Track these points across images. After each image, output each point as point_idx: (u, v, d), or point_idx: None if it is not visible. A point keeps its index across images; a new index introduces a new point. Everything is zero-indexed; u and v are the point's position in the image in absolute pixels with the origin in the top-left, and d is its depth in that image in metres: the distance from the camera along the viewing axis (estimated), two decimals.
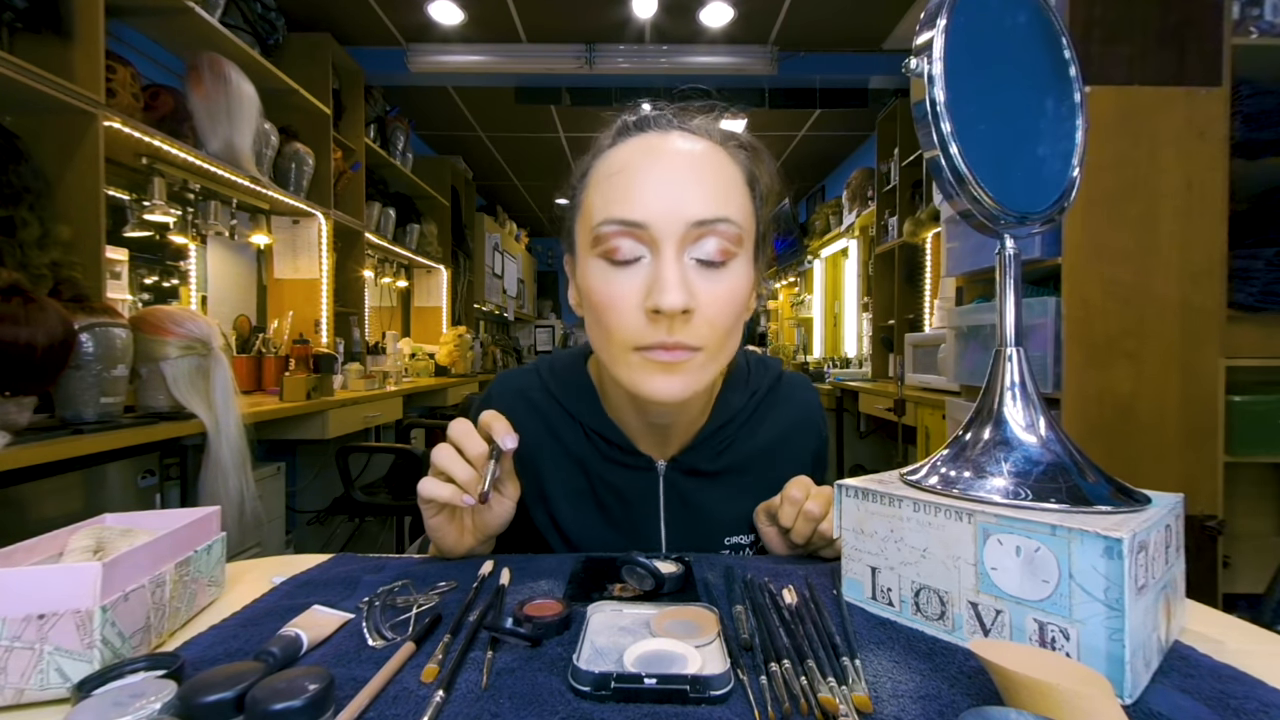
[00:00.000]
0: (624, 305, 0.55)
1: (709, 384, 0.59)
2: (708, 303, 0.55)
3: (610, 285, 0.56)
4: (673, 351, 0.55)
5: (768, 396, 0.74)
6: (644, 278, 0.55)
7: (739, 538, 0.70)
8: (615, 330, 0.57)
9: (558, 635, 0.46)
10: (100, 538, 0.50)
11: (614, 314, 0.56)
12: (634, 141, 0.59)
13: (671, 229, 0.54)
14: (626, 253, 0.55)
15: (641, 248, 0.55)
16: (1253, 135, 1.74)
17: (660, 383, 0.56)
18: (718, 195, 0.56)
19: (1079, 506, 0.42)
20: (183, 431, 1.64)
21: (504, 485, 0.62)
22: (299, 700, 0.32)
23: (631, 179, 0.56)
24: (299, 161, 2.89)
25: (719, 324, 0.56)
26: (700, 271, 0.55)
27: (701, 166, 0.56)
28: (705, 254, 0.55)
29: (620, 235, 0.55)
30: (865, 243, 4.66)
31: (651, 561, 0.54)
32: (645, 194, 0.55)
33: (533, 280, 8.11)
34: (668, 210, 0.54)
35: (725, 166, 0.58)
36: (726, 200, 0.56)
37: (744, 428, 0.72)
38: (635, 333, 0.56)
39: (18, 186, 1.56)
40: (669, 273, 0.53)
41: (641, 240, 0.55)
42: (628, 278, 0.56)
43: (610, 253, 0.56)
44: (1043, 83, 0.51)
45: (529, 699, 0.38)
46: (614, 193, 0.56)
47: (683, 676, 0.38)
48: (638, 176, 0.55)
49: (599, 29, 3.44)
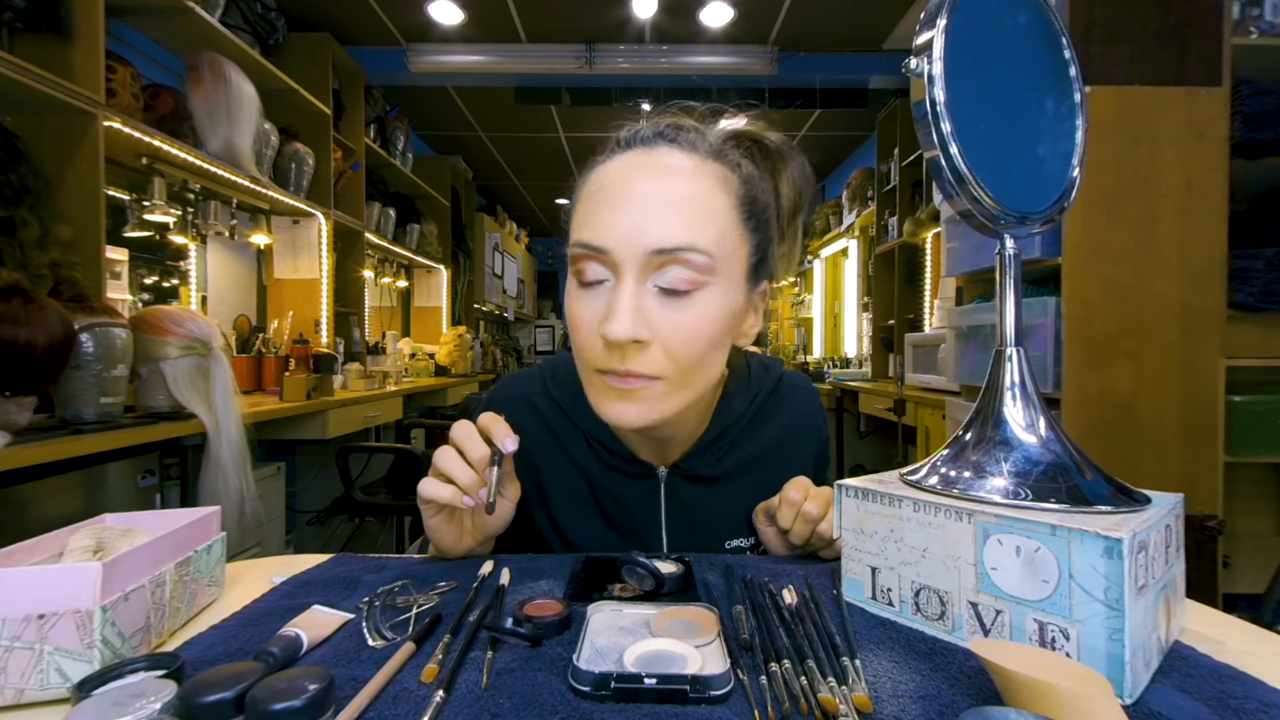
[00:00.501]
0: (586, 327, 0.56)
1: (677, 410, 0.58)
2: (668, 333, 0.54)
3: (577, 305, 0.56)
4: (625, 380, 0.55)
5: (769, 399, 0.74)
6: (604, 302, 0.54)
7: (740, 540, 0.70)
8: (581, 350, 0.57)
9: (557, 635, 0.46)
10: (100, 538, 0.50)
11: (578, 334, 0.56)
12: (620, 159, 0.57)
13: (630, 256, 0.53)
14: (592, 275, 0.55)
15: (605, 271, 0.54)
16: (1253, 135, 1.73)
17: (617, 408, 0.56)
18: (686, 222, 0.53)
19: (1079, 506, 0.42)
20: (183, 431, 1.64)
21: (504, 486, 0.62)
22: (299, 700, 0.32)
23: (602, 202, 0.55)
24: (299, 161, 2.89)
25: (680, 355, 0.54)
26: (662, 300, 0.54)
27: (675, 190, 0.54)
28: (668, 282, 0.53)
29: (586, 258, 0.55)
30: (865, 243, 4.66)
31: (651, 561, 0.54)
32: (610, 219, 0.54)
33: (533, 280, 8.12)
34: (628, 237, 0.53)
35: (708, 189, 0.55)
36: (697, 227, 0.53)
37: (745, 432, 0.71)
38: (595, 355, 0.56)
39: (18, 186, 1.56)
40: (620, 301, 0.52)
41: (605, 264, 0.54)
42: (591, 300, 0.55)
43: (579, 273, 0.56)
44: (1043, 83, 0.51)
45: (529, 699, 0.38)
46: (586, 215, 0.56)
47: (683, 676, 0.38)
48: (607, 200, 0.55)
49: (599, 29, 3.44)
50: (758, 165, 0.61)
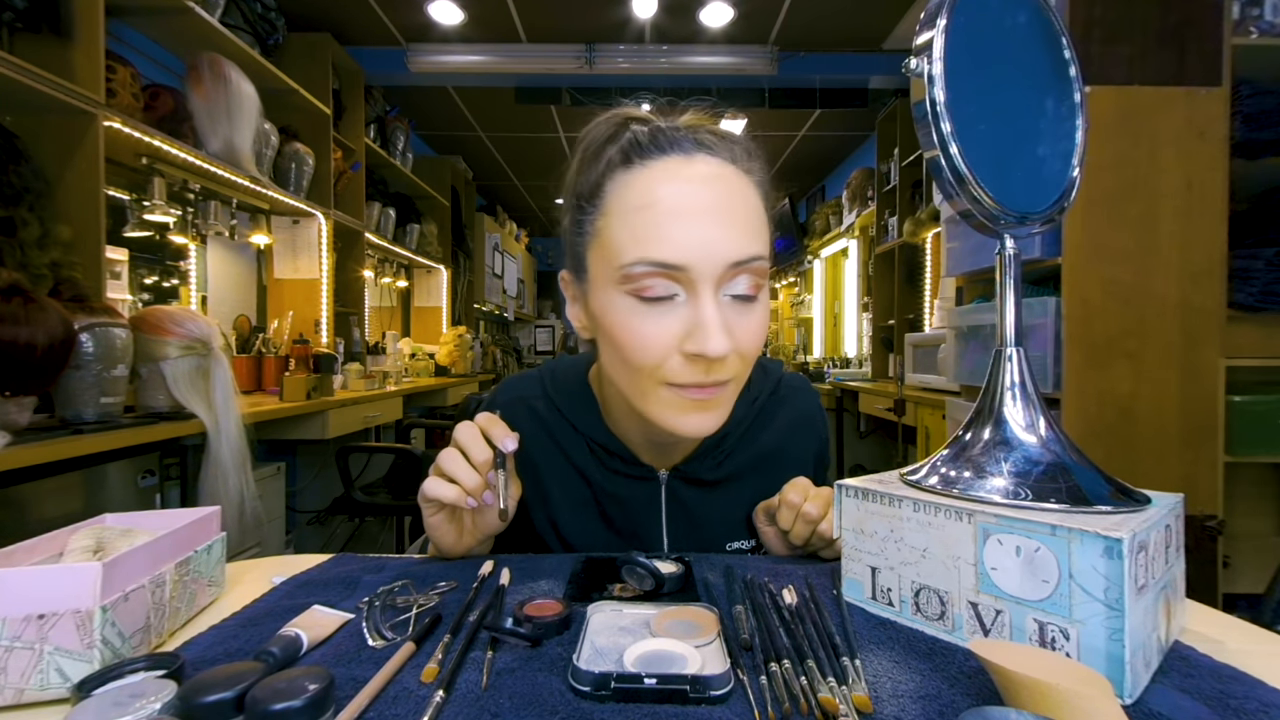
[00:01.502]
0: (657, 345, 0.54)
1: None
2: (742, 338, 0.55)
3: (643, 324, 0.54)
4: (708, 390, 0.55)
5: (768, 402, 0.74)
6: (681, 318, 0.54)
7: (741, 543, 0.71)
8: (644, 366, 0.55)
9: (557, 635, 0.46)
10: (100, 538, 0.50)
11: (643, 352, 0.55)
12: (657, 167, 0.55)
13: (710, 271, 0.53)
14: (660, 290, 0.53)
15: (676, 286, 0.54)
16: (1253, 135, 1.73)
17: (694, 420, 0.57)
18: (749, 232, 0.55)
19: (1079, 506, 0.42)
20: (183, 431, 1.64)
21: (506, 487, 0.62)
22: (299, 700, 0.32)
23: (663, 216, 0.53)
24: (299, 161, 2.89)
25: (750, 355, 0.57)
26: (734, 307, 0.55)
27: (733, 201, 0.55)
28: (739, 290, 0.55)
29: (653, 275, 0.53)
30: (865, 243, 4.66)
31: (651, 561, 0.54)
32: (681, 235, 0.53)
33: (533, 280, 8.12)
34: (705, 253, 0.52)
35: (750, 197, 0.57)
36: (757, 236, 0.55)
37: (745, 434, 0.72)
38: (670, 372, 0.55)
39: (18, 186, 1.56)
40: (711, 318, 0.52)
41: (678, 280, 0.53)
42: (661, 316, 0.54)
43: (641, 290, 0.54)
44: (1043, 83, 0.51)
45: (529, 699, 0.38)
46: (644, 230, 0.53)
47: (683, 676, 0.38)
48: (670, 214, 0.53)
49: (599, 29, 3.44)
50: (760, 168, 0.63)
